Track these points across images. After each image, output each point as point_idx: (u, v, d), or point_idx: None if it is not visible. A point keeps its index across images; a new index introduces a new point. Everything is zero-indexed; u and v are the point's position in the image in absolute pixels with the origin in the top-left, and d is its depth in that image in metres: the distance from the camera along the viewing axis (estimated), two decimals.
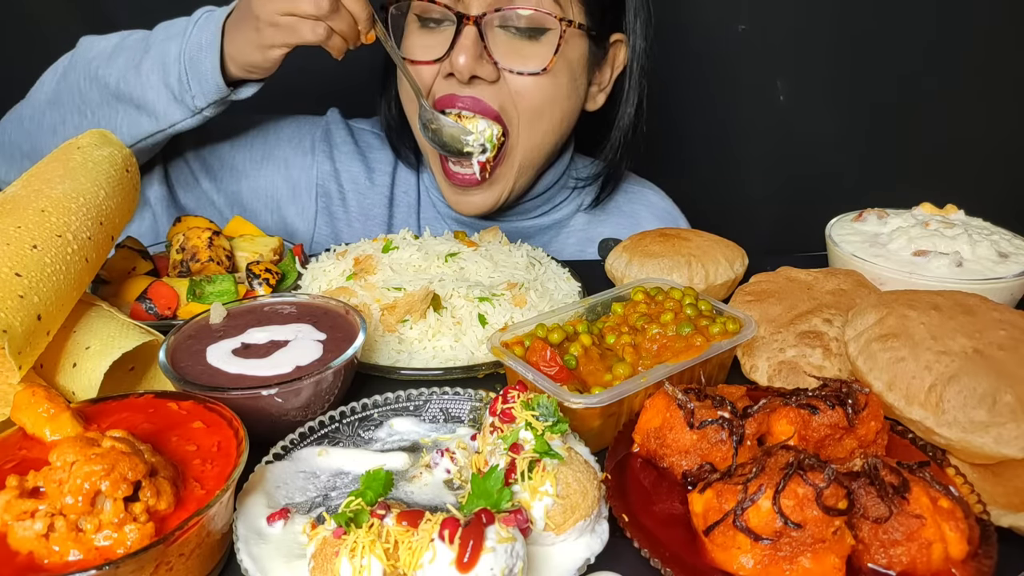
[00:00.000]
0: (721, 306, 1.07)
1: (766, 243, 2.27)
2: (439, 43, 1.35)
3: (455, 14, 1.32)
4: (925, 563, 0.69)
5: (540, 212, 1.66)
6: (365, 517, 0.68)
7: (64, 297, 0.92)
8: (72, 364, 0.93)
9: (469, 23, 1.31)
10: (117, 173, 1.10)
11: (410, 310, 1.13)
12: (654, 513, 0.78)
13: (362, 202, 1.63)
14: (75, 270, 0.94)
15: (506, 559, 0.64)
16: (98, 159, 1.09)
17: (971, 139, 2.22)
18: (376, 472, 0.75)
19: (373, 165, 1.65)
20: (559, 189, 1.65)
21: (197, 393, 0.86)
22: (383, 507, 0.68)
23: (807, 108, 2.26)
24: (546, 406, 0.80)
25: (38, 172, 1.05)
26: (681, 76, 2.22)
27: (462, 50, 1.31)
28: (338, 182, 1.63)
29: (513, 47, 1.36)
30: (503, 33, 1.36)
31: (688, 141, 2.29)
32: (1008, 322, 0.93)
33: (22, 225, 0.92)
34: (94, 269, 1.01)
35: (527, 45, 1.36)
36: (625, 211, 1.74)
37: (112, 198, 1.06)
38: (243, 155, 1.60)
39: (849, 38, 2.18)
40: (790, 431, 0.81)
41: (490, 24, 1.34)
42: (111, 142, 1.14)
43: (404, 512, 0.67)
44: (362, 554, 0.65)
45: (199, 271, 1.25)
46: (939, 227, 1.29)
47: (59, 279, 0.91)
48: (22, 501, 0.66)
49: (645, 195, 1.77)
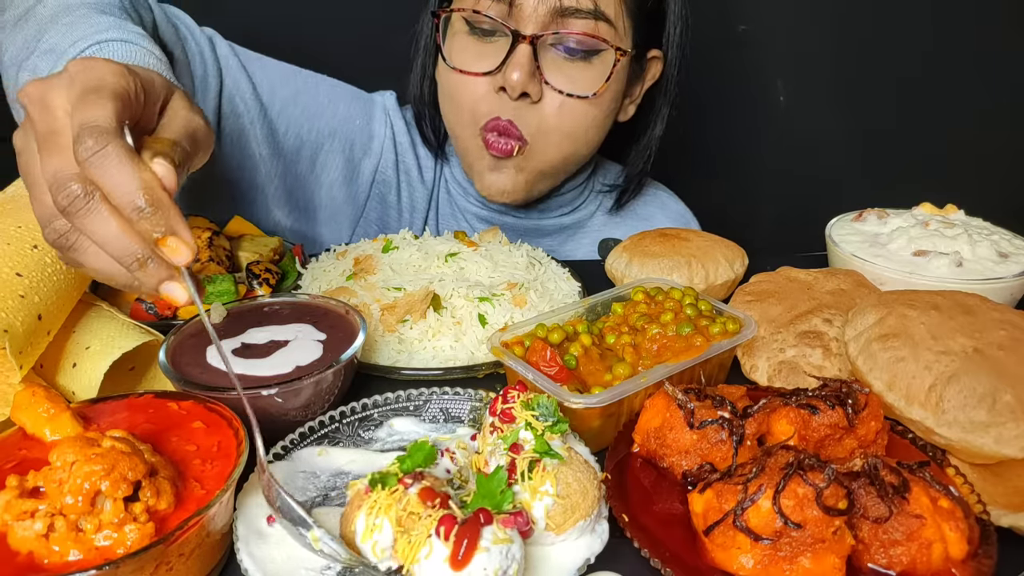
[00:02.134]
0: (721, 306, 1.07)
1: (766, 243, 2.27)
2: (491, 55, 1.34)
3: (510, 31, 1.30)
4: (925, 563, 0.69)
5: (561, 212, 1.67)
6: (392, 482, 0.71)
7: (64, 297, 0.92)
8: (72, 364, 0.93)
9: (525, 42, 1.30)
10: None
11: (410, 310, 1.13)
12: (654, 513, 0.78)
13: (412, 195, 1.65)
14: (75, 271, 0.94)
15: (500, 560, 0.64)
16: None
17: (971, 139, 2.22)
18: (422, 443, 0.77)
19: (421, 159, 1.67)
20: (582, 191, 1.67)
21: (197, 393, 0.86)
22: (415, 477, 0.71)
23: (807, 108, 2.26)
24: (546, 406, 0.80)
25: None
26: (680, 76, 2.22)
27: (516, 67, 1.30)
28: (396, 171, 1.63)
29: (562, 68, 1.35)
30: (555, 53, 1.34)
31: (688, 141, 2.29)
32: (1008, 322, 0.93)
33: (23, 225, 0.92)
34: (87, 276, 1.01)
35: (578, 67, 1.35)
36: (640, 214, 1.75)
37: None
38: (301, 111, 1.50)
39: (849, 38, 2.18)
40: (790, 431, 0.81)
41: (543, 44, 1.32)
42: None
43: (427, 489, 0.69)
44: (377, 514, 0.69)
45: (199, 271, 1.25)
46: (939, 227, 1.29)
47: (59, 279, 0.91)
48: (22, 501, 0.66)
49: (660, 198, 1.79)
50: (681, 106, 1.66)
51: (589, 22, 1.31)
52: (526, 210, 1.62)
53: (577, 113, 1.38)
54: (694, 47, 1.51)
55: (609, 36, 1.33)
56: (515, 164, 1.42)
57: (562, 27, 1.30)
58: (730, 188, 2.36)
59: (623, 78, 1.43)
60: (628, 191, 1.67)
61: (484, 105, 1.37)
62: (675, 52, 1.49)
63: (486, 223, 1.64)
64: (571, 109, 1.37)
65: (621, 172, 1.70)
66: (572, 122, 1.39)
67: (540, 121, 1.37)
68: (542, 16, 1.29)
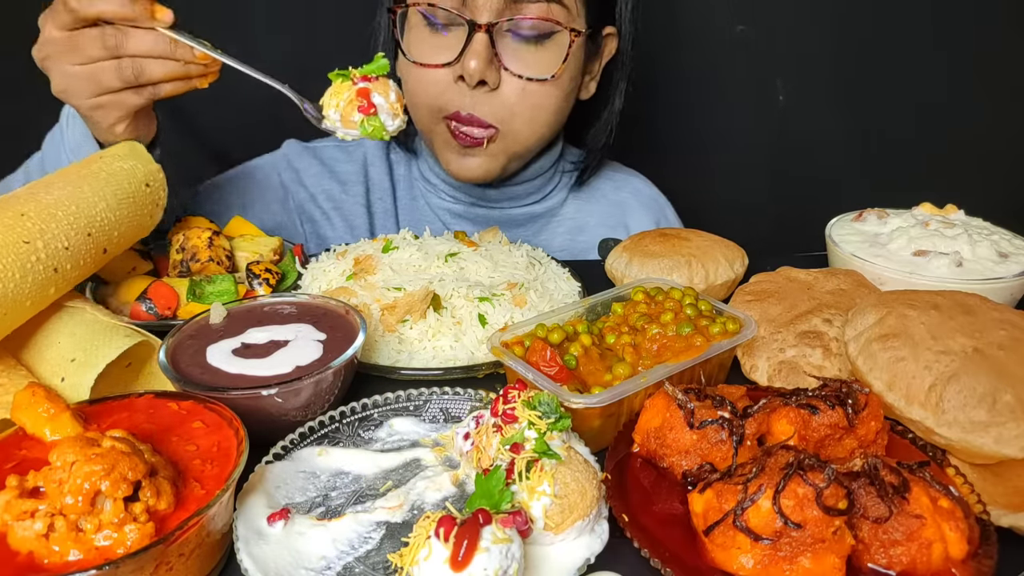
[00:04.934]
0: (721, 306, 1.07)
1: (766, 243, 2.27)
2: (449, 46, 1.36)
3: (466, 21, 1.33)
4: (925, 563, 0.69)
5: (532, 200, 1.68)
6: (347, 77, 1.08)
7: (10, 305, 0.89)
8: (60, 379, 0.92)
9: (481, 30, 1.32)
10: (132, 186, 1.08)
11: (410, 310, 1.13)
12: (654, 513, 0.78)
13: (343, 214, 1.68)
14: (36, 279, 0.92)
15: (500, 560, 0.64)
16: (115, 171, 1.08)
17: (971, 139, 2.21)
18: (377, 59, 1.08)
19: (344, 178, 1.70)
20: (552, 175, 1.69)
21: (197, 393, 0.86)
22: None
23: (807, 108, 2.26)
24: (547, 403, 0.80)
25: (50, 176, 1.04)
26: (681, 76, 2.22)
27: (473, 55, 1.33)
28: (316, 204, 1.68)
29: (521, 53, 1.38)
30: (511, 39, 1.37)
31: (688, 141, 2.29)
32: (1008, 322, 0.93)
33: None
34: (68, 280, 0.98)
35: (534, 51, 1.38)
36: (612, 199, 1.77)
37: (114, 211, 1.04)
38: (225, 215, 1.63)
39: (849, 38, 2.18)
40: (790, 431, 0.81)
41: (500, 31, 1.35)
42: (137, 155, 1.13)
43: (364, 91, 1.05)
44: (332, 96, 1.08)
45: (199, 271, 1.25)
46: (939, 227, 1.29)
47: (7, 286, 0.87)
48: (22, 501, 0.66)
49: (631, 182, 1.81)
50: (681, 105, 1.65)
51: (542, 6, 1.34)
52: (497, 201, 1.65)
53: (538, 96, 1.41)
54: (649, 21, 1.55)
55: (562, 18, 1.37)
56: (487, 151, 1.46)
57: (516, 13, 1.34)
58: (730, 188, 2.36)
59: (580, 57, 1.46)
60: (589, 167, 1.70)
61: (445, 96, 1.40)
62: (628, 27, 1.53)
63: (458, 217, 1.66)
64: (532, 93, 1.40)
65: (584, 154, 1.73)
66: (534, 105, 1.42)
67: (502, 108, 1.40)
68: (495, 4, 1.32)
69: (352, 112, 1.05)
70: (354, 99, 1.05)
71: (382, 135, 1.08)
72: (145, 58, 1.06)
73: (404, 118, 1.11)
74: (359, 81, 1.06)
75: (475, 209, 1.65)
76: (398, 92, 1.10)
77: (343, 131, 1.08)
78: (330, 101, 1.07)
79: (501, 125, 1.42)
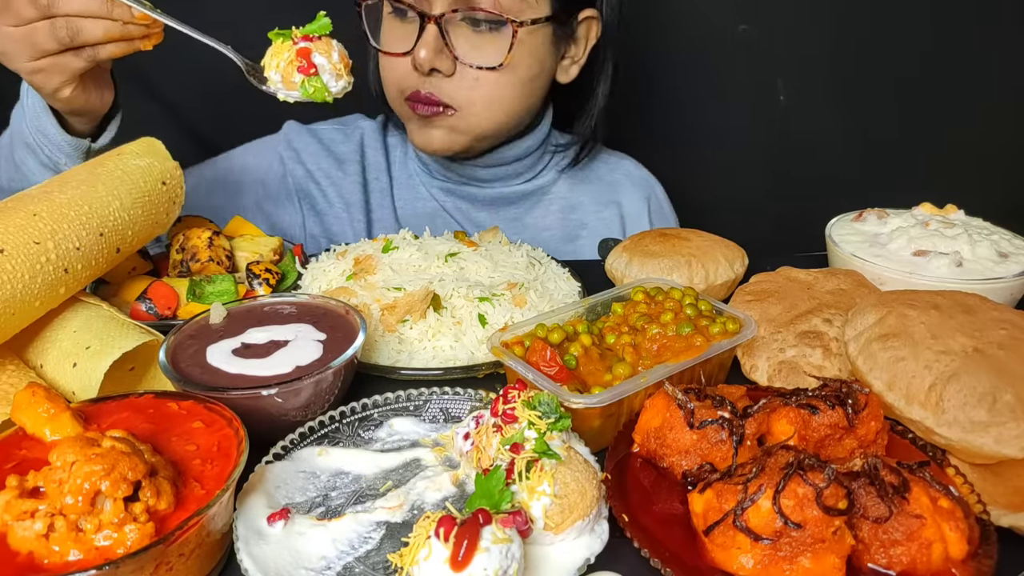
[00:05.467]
0: (721, 306, 1.07)
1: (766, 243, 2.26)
2: (408, 35, 1.42)
3: (418, 13, 1.38)
4: (925, 563, 0.69)
5: (522, 180, 1.71)
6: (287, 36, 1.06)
7: (18, 306, 0.89)
8: (72, 364, 0.93)
9: (431, 22, 1.38)
10: (148, 185, 1.08)
11: (410, 310, 1.13)
12: (654, 513, 0.78)
13: (340, 192, 1.72)
14: (46, 279, 0.92)
15: (500, 560, 0.64)
16: (131, 168, 1.07)
17: (971, 139, 2.21)
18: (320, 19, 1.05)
19: (342, 157, 1.74)
20: (540, 155, 1.71)
21: (197, 393, 0.86)
22: None
23: (807, 108, 2.26)
24: (547, 403, 0.80)
25: (64, 175, 1.04)
26: (681, 76, 2.22)
27: (423, 45, 1.39)
28: (314, 180, 1.72)
29: (472, 41, 1.42)
30: (464, 27, 1.41)
31: (688, 141, 2.29)
32: (1008, 321, 0.93)
33: (1, 227, 0.90)
34: (78, 280, 0.98)
35: (486, 39, 1.42)
36: (606, 180, 1.80)
37: (128, 210, 1.04)
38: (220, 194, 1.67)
39: (849, 38, 2.18)
40: (790, 431, 0.81)
41: (452, 20, 1.40)
42: (155, 152, 1.12)
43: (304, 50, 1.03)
44: None
45: (199, 271, 1.25)
46: (939, 227, 1.29)
47: (16, 287, 0.88)
48: (22, 501, 0.66)
49: (623, 165, 1.84)
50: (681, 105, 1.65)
51: None
52: (487, 181, 1.68)
53: (492, 83, 1.45)
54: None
55: (514, 7, 1.40)
56: (447, 124, 1.49)
57: (467, 3, 1.38)
58: (730, 188, 2.36)
59: (541, 44, 1.48)
60: (583, 150, 1.72)
61: (407, 81, 1.46)
62: (611, 11, 1.56)
63: (451, 195, 1.69)
64: (485, 80, 1.44)
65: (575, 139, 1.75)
66: (489, 91, 1.46)
67: (459, 92, 1.45)
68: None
69: (292, 73, 1.04)
70: (294, 59, 1.03)
71: (324, 96, 1.05)
72: (80, 18, 1.03)
73: (349, 79, 1.08)
74: (300, 41, 1.04)
75: (466, 188, 1.69)
76: (342, 52, 1.07)
77: (284, 92, 1.06)
78: (270, 62, 1.05)
79: (459, 108, 1.46)
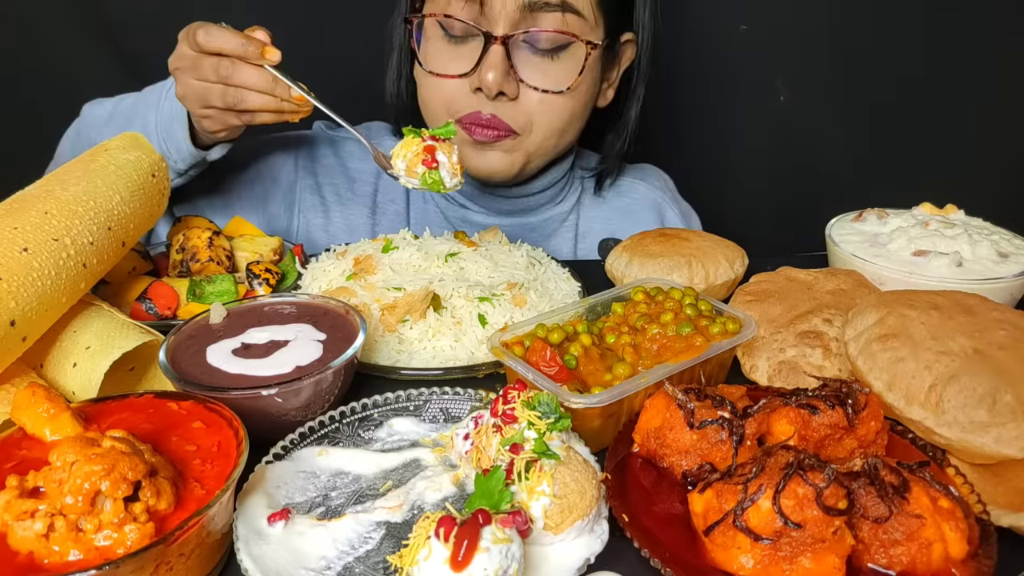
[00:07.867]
0: (721, 306, 1.07)
1: (766, 243, 2.27)
2: (465, 57, 1.37)
3: (482, 33, 1.34)
4: (925, 563, 0.69)
5: (544, 209, 1.68)
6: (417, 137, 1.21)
7: (49, 302, 0.91)
8: (72, 364, 0.93)
9: (497, 42, 1.33)
10: (140, 178, 1.10)
11: (410, 310, 1.13)
12: (654, 513, 0.78)
13: (345, 213, 1.68)
14: (68, 275, 0.93)
15: (500, 560, 0.64)
16: (122, 163, 1.09)
17: (971, 139, 2.21)
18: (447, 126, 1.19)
19: (354, 175, 1.69)
20: (565, 183, 1.69)
21: (197, 393, 0.86)
22: None
23: (807, 108, 2.25)
24: (547, 403, 0.80)
25: (59, 172, 1.05)
26: (681, 76, 2.22)
27: (491, 67, 1.34)
28: (320, 195, 1.67)
29: (537, 65, 1.39)
30: (527, 50, 1.38)
31: (688, 141, 2.29)
32: (1008, 322, 0.93)
33: (19, 227, 0.91)
34: (94, 274, 1.00)
35: (550, 63, 1.39)
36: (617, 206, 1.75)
37: (128, 203, 1.06)
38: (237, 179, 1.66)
39: (849, 38, 2.18)
40: (790, 431, 0.81)
41: (516, 43, 1.36)
42: (140, 146, 1.14)
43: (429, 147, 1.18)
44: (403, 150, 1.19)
45: (199, 271, 1.25)
46: (939, 227, 1.29)
47: (45, 284, 0.90)
48: (22, 501, 0.66)
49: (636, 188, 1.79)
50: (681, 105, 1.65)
51: (557, 16, 1.35)
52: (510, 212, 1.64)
53: (556, 107, 1.42)
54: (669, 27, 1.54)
55: (578, 28, 1.37)
56: (505, 147, 1.46)
57: (532, 24, 1.35)
58: (730, 188, 2.36)
59: (597, 67, 1.47)
60: (610, 172, 1.71)
61: (460, 102, 1.42)
62: (646, 35, 1.53)
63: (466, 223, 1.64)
64: (550, 104, 1.41)
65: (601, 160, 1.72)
66: (552, 116, 1.43)
67: (522, 115, 1.41)
68: (511, 13, 1.33)
69: (417, 164, 1.19)
70: (420, 153, 1.19)
71: (440, 188, 1.20)
72: (248, 90, 1.20)
73: (461, 179, 1.22)
74: (427, 139, 1.19)
75: (487, 218, 1.64)
76: (460, 155, 1.22)
77: (405, 179, 1.22)
78: (400, 152, 1.21)
79: (521, 131, 1.43)
